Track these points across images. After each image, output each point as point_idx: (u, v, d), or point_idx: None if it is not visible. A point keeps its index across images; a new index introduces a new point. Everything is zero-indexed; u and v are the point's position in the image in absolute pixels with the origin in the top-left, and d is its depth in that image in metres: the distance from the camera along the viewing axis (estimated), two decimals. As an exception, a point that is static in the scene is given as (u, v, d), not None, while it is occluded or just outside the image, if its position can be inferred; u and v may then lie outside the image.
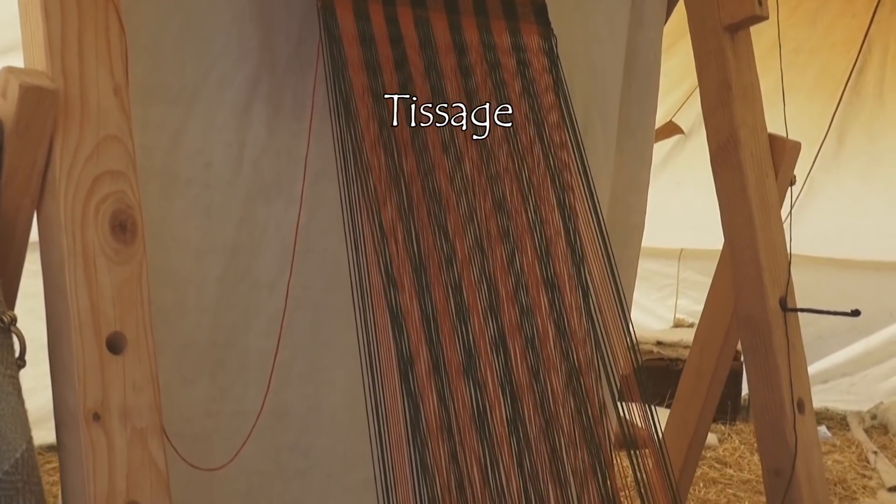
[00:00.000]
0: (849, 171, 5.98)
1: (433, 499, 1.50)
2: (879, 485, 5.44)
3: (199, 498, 1.63)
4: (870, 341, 6.67)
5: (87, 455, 1.27)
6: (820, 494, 2.02)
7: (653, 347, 6.17)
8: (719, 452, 6.05)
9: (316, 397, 1.75)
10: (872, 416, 6.55)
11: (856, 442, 6.26)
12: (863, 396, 6.72)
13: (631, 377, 1.76)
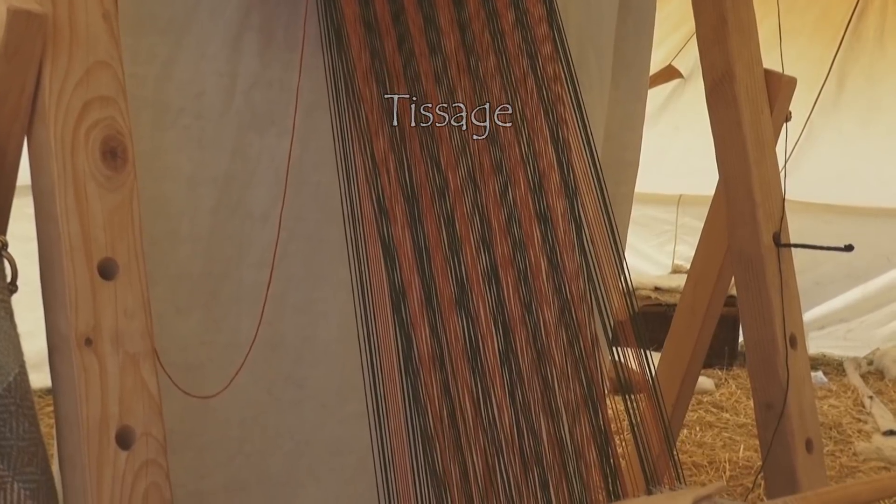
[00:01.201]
0: (848, 115, 5.96)
1: (425, 430, 1.51)
2: (874, 429, 5.48)
3: (193, 427, 1.65)
4: (867, 287, 6.69)
5: (80, 379, 1.28)
6: (811, 428, 2.04)
7: (650, 293, 6.19)
8: (716, 397, 6.09)
9: (310, 329, 1.75)
10: (869, 362, 6.58)
11: (852, 387, 6.29)
12: (859, 342, 6.74)
13: (627, 322, 1.77)
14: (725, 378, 6.41)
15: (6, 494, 1.26)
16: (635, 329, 1.77)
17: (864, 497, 1.72)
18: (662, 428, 1.71)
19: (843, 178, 6.14)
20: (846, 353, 6.75)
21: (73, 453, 1.28)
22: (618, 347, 1.77)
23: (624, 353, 1.76)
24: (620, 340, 1.77)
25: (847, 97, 5.92)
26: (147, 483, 1.31)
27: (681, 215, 6.59)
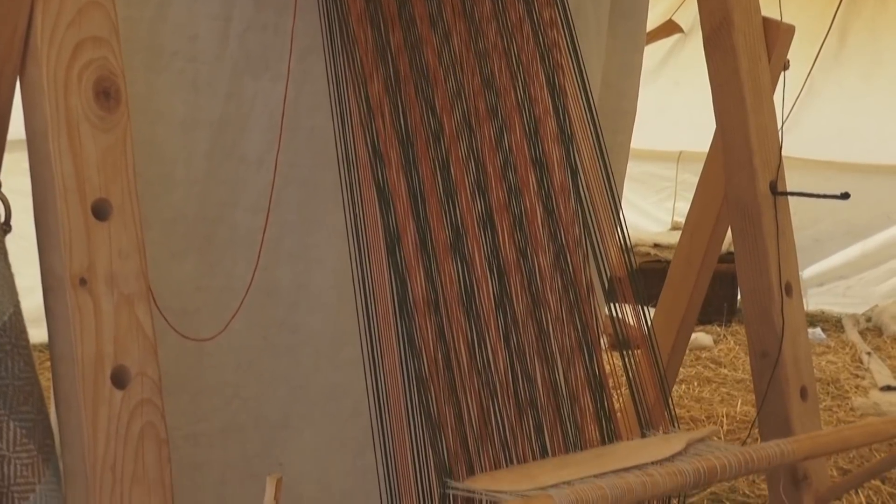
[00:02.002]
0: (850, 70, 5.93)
1: (420, 374, 1.52)
2: (872, 384, 5.50)
3: (188, 371, 1.65)
4: (866, 244, 6.69)
5: (74, 319, 1.28)
6: (806, 376, 2.04)
7: (650, 250, 6.19)
8: (714, 353, 6.11)
9: (305, 275, 1.76)
10: (867, 319, 6.60)
11: (850, 343, 6.32)
12: (858, 299, 6.76)
13: (625, 278, 1.77)
14: (724, 334, 6.43)
15: (2, 433, 1.27)
16: (633, 285, 1.77)
17: (857, 441, 1.73)
18: (657, 375, 1.72)
19: (843, 135, 6.12)
20: (845, 310, 6.77)
21: (68, 392, 1.29)
22: (616, 303, 1.77)
23: (622, 309, 1.76)
24: (619, 296, 1.77)
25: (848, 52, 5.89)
26: (143, 422, 1.32)
27: (680, 172, 6.59)
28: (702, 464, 1.48)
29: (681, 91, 5.98)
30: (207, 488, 1.70)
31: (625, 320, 1.76)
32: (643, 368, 1.76)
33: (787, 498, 1.97)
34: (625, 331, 1.76)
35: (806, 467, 2.00)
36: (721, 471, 1.50)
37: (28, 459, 1.29)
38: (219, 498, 1.71)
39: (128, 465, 1.30)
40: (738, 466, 1.52)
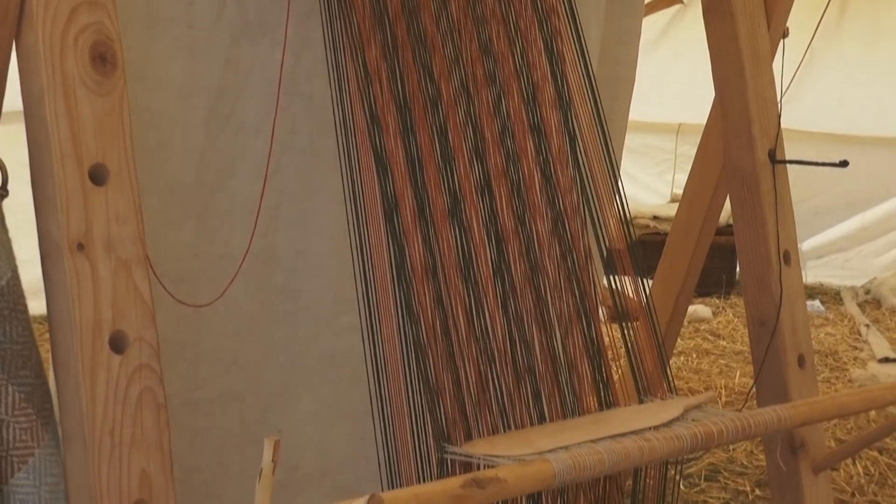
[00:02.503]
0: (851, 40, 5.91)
1: (418, 340, 1.52)
2: (870, 356, 5.52)
3: (187, 337, 1.66)
4: (865, 217, 6.69)
5: (72, 284, 1.28)
6: (803, 344, 2.05)
7: (649, 222, 6.19)
8: (713, 325, 6.13)
9: (304, 242, 1.76)
10: (866, 291, 6.61)
11: (848, 316, 6.33)
12: (857, 272, 6.76)
13: (624, 250, 1.77)
14: (723, 306, 6.44)
15: (1, 397, 1.27)
16: (633, 257, 1.77)
17: (854, 407, 1.73)
18: (655, 342, 1.72)
19: (843, 106, 6.11)
20: (844, 283, 6.78)
21: (66, 357, 1.29)
22: (615, 275, 1.76)
23: (621, 281, 1.76)
24: (618, 268, 1.77)
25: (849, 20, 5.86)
26: (141, 387, 1.32)
27: (680, 144, 6.58)
28: (699, 429, 1.49)
29: (680, 63, 5.96)
30: (206, 454, 1.71)
31: (624, 292, 1.76)
32: (641, 336, 1.76)
33: (785, 465, 1.98)
34: (624, 303, 1.76)
35: (803, 435, 2.01)
36: (718, 436, 1.51)
37: (27, 423, 1.29)
38: (218, 464, 1.71)
39: (126, 429, 1.31)
40: (735, 432, 1.52)
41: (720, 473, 4.47)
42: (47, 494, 1.30)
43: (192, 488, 1.67)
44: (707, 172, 2.23)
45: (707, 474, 4.44)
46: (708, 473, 4.46)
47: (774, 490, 2.09)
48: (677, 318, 2.35)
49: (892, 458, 4.59)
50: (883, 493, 4.28)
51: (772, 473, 2.08)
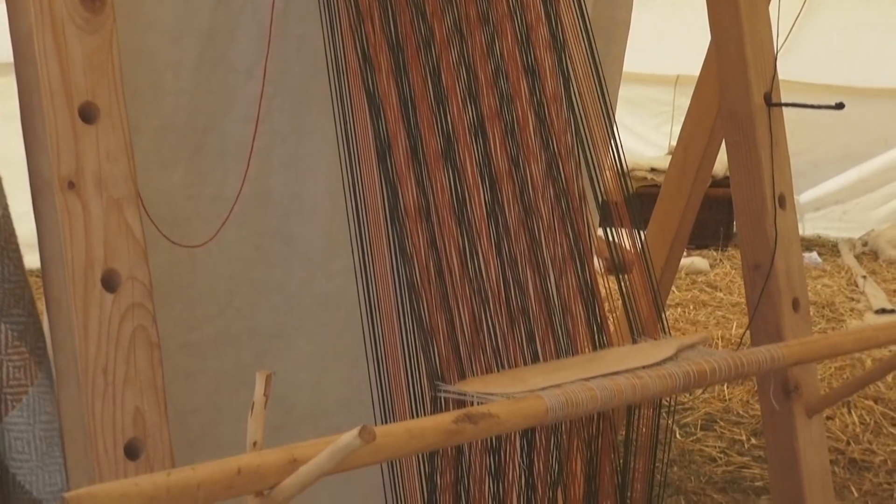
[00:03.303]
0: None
1: (412, 282, 1.52)
2: (867, 307, 5.53)
3: (181, 280, 1.66)
4: (863, 169, 6.68)
5: (63, 222, 1.28)
6: (798, 288, 2.05)
7: (646, 174, 6.18)
8: (710, 277, 6.14)
9: (297, 185, 1.75)
10: (864, 243, 6.62)
11: (846, 268, 6.34)
12: (855, 224, 6.77)
13: (621, 203, 1.76)
14: (720, 259, 6.46)
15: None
16: (630, 209, 1.76)
17: (848, 347, 1.74)
18: (649, 282, 1.72)
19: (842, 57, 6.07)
20: (841, 235, 6.79)
21: (58, 295, 1.29)
22: (612, 228, 1.76)
23: (618, 234, 1.76)
24: (615, 221, 1.77)
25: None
26: (134, 325, 1.32)
27: (678, 95, 6.54)
28: (692, 367, 1.50)
29: (678, 13, 5.91)
30: (201, 397, 1.71)
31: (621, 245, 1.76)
32: (636, 279, 1.76)
33: (779, 407, 1.99)
34: (620, 255, 1.76)
35: (797, 378, 2.02)
36: (711, 374, 1.51)
37: (20, 362, 1.29)
38: (213, 406, 1.72)
39: (120, 367, 1.31)
40: (728, 370, 1.53)
41: (716, 423, 4.50)
42: (42, 432, 1.30)
43: (188, 430, 1.68)
44: (703, 117, 2.22)
45: (703, 423, 4.47)
46: (704, 423, 4.48)
47: (768, 433, 2.10)
48: (672, 263, 2.35)
49: (887, 407, 4.62)
50: (878, 441, 4.31)
51: (766, 416, 2.09)
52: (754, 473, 4.01)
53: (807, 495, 2.06)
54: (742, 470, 4.06)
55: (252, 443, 1.13)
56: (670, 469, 4.03)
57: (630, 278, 1.76)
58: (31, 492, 1.30)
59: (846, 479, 4.00)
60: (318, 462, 1.07)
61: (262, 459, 1.10)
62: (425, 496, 1.51)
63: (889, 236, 6.45)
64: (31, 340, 1.31)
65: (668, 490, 3.84)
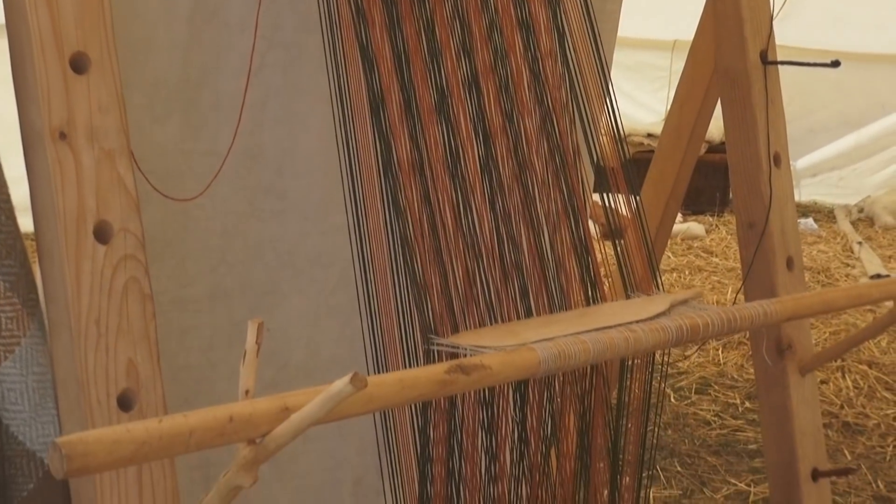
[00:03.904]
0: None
1: (405, 236, 1.52)
2: (862, 273, 5.54)
3: (174, 236, 1.65)
4: (861, 135, 6.68)
5: (55, 173, 1.28)
6: (792, 246, 2.05)
7: (643, 139, 6.17)
8: (706, 242, 6.14)
9: (290, 140, 1.74)
10: (860, 210, 6.62)
11: (841, 234, 6.34)
12: (851, 190, 6.77)
13: (618, 168, 1.76)
14: (716, 224, 6.45)
15: (-14, 287, 1.27)
16: (626, 174, 1.76)
17: (841, 303, 1.74)
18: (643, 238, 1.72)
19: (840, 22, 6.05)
20: (837, 201, 6.79)
21: (50, 246, 1.29)
22: (608, 193, 1.76)
23: (614, 199, 1.75)
24: (612, 186, 1.76)
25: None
26: (126, 277, 1.32)
27: (675, 61, 6.50)
28: (685, 321, 1.50)
29: (676, -24, 5.88)
30: (195, 352, 1.71)
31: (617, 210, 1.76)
32: (630, 235, 1.76)
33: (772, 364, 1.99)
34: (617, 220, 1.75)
35: (790, 336, 2.02)
36: (704, 328, 1.52)
37: (12, 313, 1.29)
38: (207, 362, 1.72)
39: (112, 318, 1.31)
40: (720, 325, 1.53)
41: (710, 386, 4.51)
42: (35, 384, 1.31)
43: (182, 385, 1.68)
44: (698, 75, 2.21)
45: (698, 387, 4.49)
46: (698, 386, 4.50)
47: (761, 392, 2.11)
48: (667, 222, 2.35)
49: (881, 371, 4.63)
50: (871, 405, 4.33)
51: (759, 375, 2.10)
52: (748, 436, 4.03)
53: (799, 453, 2.07)
54: (736, 433, 4.08)
55: (244, 391, 1.13)
56: (664, 432, 4.05)
57: (625, 237, 1.76)
58: (25, 443, 1.31)
59: (839, 443, 4.02)
60: (309, 410, 1.08)
61: (254, 408, 1.10)
62: (418, 449, 1.52)
63: (885, 202, 6.46)
64: (23, 292, 1.31)
65: (662, 452, 3.86)
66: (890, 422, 4.18)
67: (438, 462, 1.52)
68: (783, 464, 2.09)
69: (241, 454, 1.12)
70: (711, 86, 2.19)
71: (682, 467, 3.78)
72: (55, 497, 1.32)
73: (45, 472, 1.32)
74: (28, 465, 1.31)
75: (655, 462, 3.73)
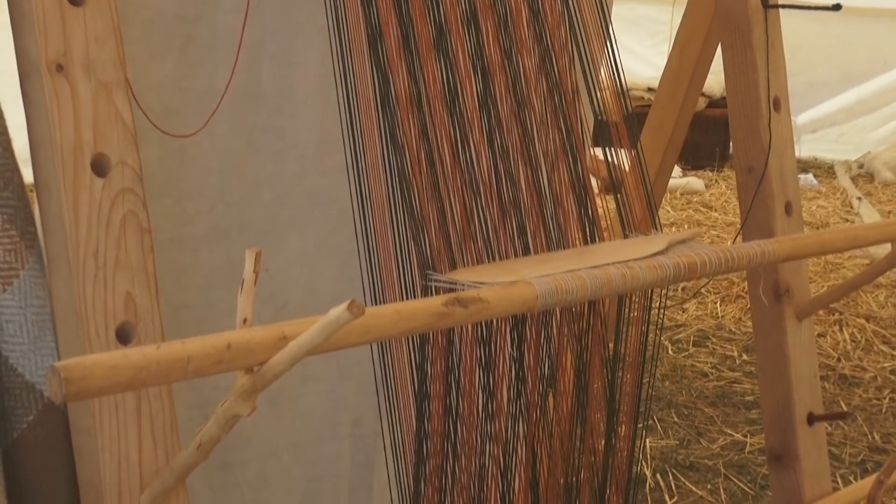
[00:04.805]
0: None
1: (403, 172, 1.51)
2: (861, 228, 5.54)
3: (172, 173, 1.65)
4: (862, 90, 6.65)
5: (52, 105, 1.27)
6: (791, 192, 2.05)
7: (644, 94, 6.15)
8: (705, 197, 6.15)
9: (288, 79, 1.74)
10: (860, 166, 6.62)
11: (841, 189, 6.35)
12: (851, 146, 6.76)
13: (621, 122, 1.75)
14: (716, 179, 6.46)
15: (-17, 218, 1.27)
16: (628, 128, 1.75)
17: (839, 245, 1.74)
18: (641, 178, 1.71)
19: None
20: (837, 157, 6.78)
21: (48, 179, 1.29)
22: (609, 147, 1.75)
23: (616, 153, 1.75)
24: (613, 141, 1.75)
25: None
26: (124, 211, 1.32)
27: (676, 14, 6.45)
28: (682, 259, 1.50)
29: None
30: (194, 291, 1.72)
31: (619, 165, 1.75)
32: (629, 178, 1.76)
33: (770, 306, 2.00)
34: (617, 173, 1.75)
35: (787, 280, 2.03)
36: (702, 267, 1.52)
37: (10, 245, 1.29)
38: (206, 301, 1.72)
39: (110, 251, 1.31)
40: (718, 263, 1.53)
41: (708, 339, 4.53)
42: (33, 316, 1.31)
43: (180, 325, 1.68)
44: (699, 19, 2.20)
45: (695, 339, 4.51)
46: (696, 339, 4.52)
47: (758, 337, 2.12)
48: (666, 168, 2.34)
49: (878, 325, 4.65)
50: (868, 358, 4.35)
51: (756, 320, 2.10)
52: (745, 388, 4.05)
53: (795, 398, 2.08)
54: (733, 385, 4.10)
55: (242, 319, 1.14)
56: (662, 383, 4.07)
57: (624, 180, 1.75)
58: (24, 374, 1.31)
59: (836, 395, 4.04)
60: (307, 337, 1.08)
61: (251, 335, 1.11)
62: (416, 386, 1.52)
63: (885, 158, 6.45)
64: (22, 224, 1.31)
65: (660, 403, 3.88)
66: (886, 374, 4.20)
67: (436, 399, 1.53)
68: (779, 408, 2.10)
69: (239, 382, 1.12)
70: (712, 30, 2.18)
71: (679, 418, 3.81)
72: (55, 430, 1.33)
73: (45, 404, 1.32)
74: (28, 396, 1.31)
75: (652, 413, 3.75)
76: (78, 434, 1.32)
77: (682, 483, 3.28)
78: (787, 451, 2.09)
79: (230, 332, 1.10)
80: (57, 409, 1.32)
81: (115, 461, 1.30)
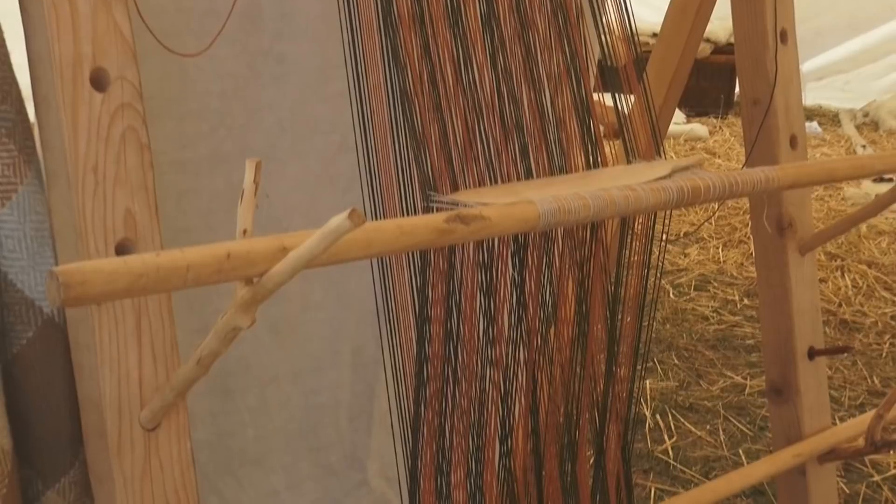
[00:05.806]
0: None
1: (404, 90, 1.50)
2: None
3: (172, 95, 1.63)
4: (867, 38, 6.60)
5: (50, 17, 1.25)
6: (796, 125, 2.03)
7: (649, 40, 6.09)
8: (709, 144, 6.12)
9: (289, 3, 1.72)
10: (865, 114, 6.58)
11: (845, 137, 6.31)
12: (856, 94, 6.73)
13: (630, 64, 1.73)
14: (720, 126, 6.42)
15: (-18, 132, 1.26)
16: (637, 73, 1.73)
17: (842, 173, 1.73)
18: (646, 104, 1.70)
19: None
20: (842, 105, 6.74)
21: (46, 93, 1.27)
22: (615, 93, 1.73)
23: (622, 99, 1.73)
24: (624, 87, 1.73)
25: None
26: (124, 126, 1.31)
27: (682, -41, 6.40)
28: (686, 183, 1.49)
29: None
30: (194, 215, 1.70)
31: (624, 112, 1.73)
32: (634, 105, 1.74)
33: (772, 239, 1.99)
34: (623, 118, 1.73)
35: (791, 214, 2.02)
36: (705, 191, 1.51)
37: (9, 159, 1.28)
38: (206, 225, 1.71)
39: (110, 167, 1.30)
40: (722, 188, 1.52)
41: (710, 283, 4.53)
42: (32, 231, 1.30)
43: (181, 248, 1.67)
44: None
45: (697, 284, 4.51)
46: (698, 283, 4.52)
47: (760, 270, 2.11)
48: (671, 101, 2.33)
49: (880, 271, 4.65)
50: (870, 304, 4.35)
51: (758, 253, 2.10)
52: (745, 332, 4.06)
53: (796, 332, 2.08)
54: (734, 329, 4.11)
55: (242, 230, 1.13)
56: (663, 326, 4.08)
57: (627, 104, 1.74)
58: (23, 290, 1.30)
59: (836, 339, 4.05)
60: (308, 247, 1.07)
61: (251, 246, 1.10)
62: (417, 309, 1.52)
63: (890, 107, 6.42)
64: (20, 138, 1.29)
65: (660, 346, 3.89)
66: (887, 320, 4.21)
67: (437, 322, 1.53)
68: (780, 342, 2.10)
69: (239, 294, 1.12)
70: (718, -40, 2.15)
71: (680, 360, 3.82)
72: (55, 346, 1.32)
73: (45, 320, 1.32)
74: (27, 312, 1.31)
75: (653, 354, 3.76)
76: (78, 350, 1.32)
77: (681, 423, 3.29)
78: (788, 385, 2.09)
79: (230, 241, 1.10)
80: (57, 325, 1.32)
81: (115, 377, 1.30)
